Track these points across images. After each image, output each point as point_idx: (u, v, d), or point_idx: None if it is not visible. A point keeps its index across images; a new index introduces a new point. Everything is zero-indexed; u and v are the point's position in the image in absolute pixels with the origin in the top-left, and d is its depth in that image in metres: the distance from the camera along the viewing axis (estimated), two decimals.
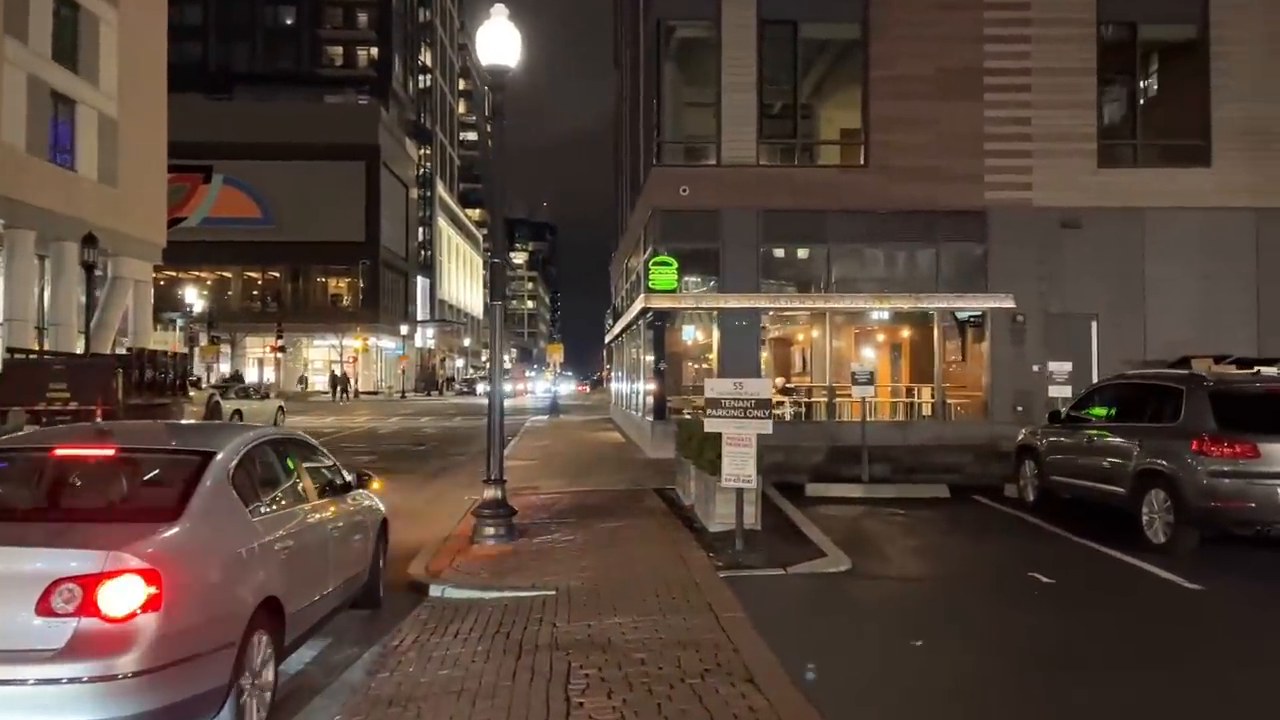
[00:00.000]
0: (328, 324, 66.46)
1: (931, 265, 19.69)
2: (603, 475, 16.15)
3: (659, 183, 19.38)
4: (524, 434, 27.31)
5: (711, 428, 8.85)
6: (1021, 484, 12.40)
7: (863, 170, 19.56)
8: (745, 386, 8.64)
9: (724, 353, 19.27)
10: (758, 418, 8.56)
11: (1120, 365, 19.47)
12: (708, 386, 8.91)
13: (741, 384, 8.67)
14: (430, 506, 13.56)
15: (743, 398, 8.62)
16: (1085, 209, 19.43)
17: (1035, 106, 19.54)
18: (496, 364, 9.75)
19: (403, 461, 20.25)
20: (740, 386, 8.67)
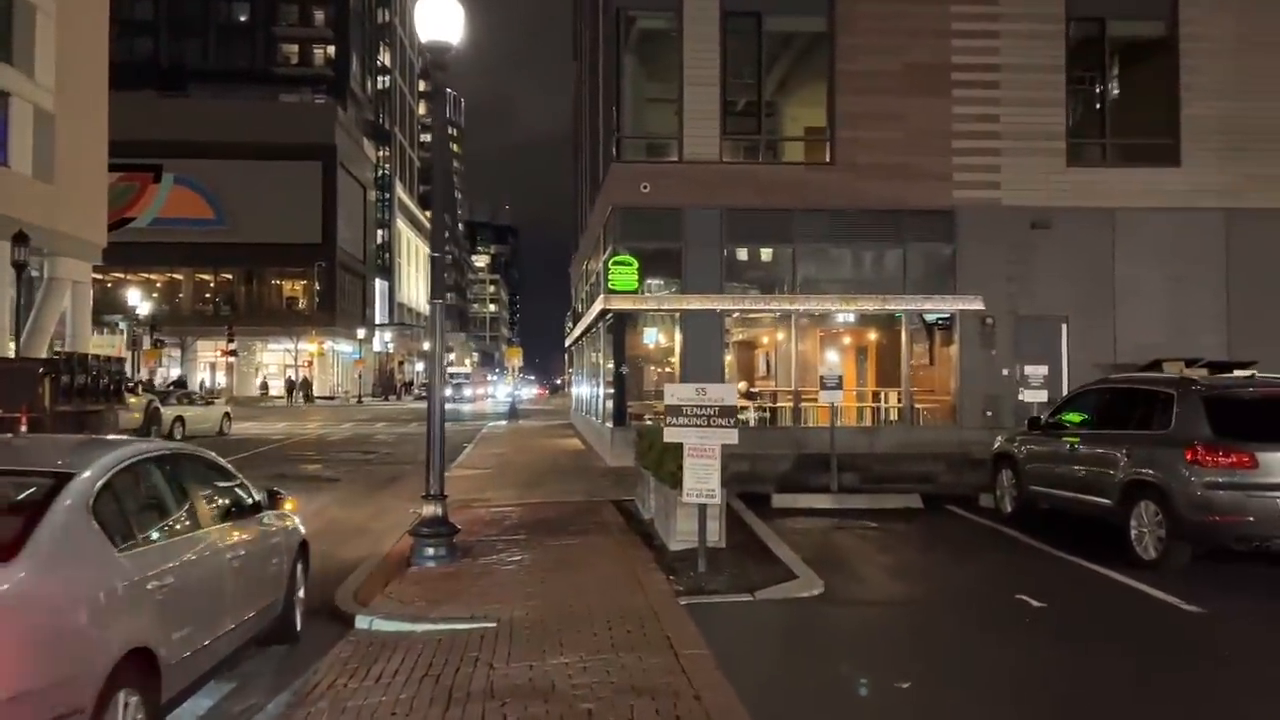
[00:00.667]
0: (282, 327, 64.79)
1: (899, 266, 19.12)
2: (559, 486, 15.34)
3: (619, 179, 18.62)
4: (480, 441, 26.40)
5: (672, 437, 8.10)
6: (998, 494, 11.78)
7: (829, 168, 18.95)
8: (709, 392, 7.89)
9: (687, 356, 18.55)
10: (722, 426, 7.82)
11: (1090, 369, 19.06)
12: (668, 392, 8.15)
13: (705, 389, 7.92)
14: (373, 521, 12.68)
15: (706, 404, 7.87)
16: (1055, 209, 18.97)
17: (1004, 104, 19.06)
18: (437, 368, 8.92)
19: (351, 470, 19.28)
20: (703, 392, 7.92)
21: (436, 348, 8.93)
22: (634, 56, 20.32)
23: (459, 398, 69.82)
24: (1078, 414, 10.58)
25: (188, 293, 68.54)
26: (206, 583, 5.00)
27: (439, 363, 8.91)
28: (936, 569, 9.24)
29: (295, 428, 33.84)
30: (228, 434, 29.30)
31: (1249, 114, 19.13)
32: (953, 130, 18.99)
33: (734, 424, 7.81)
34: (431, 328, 8.91)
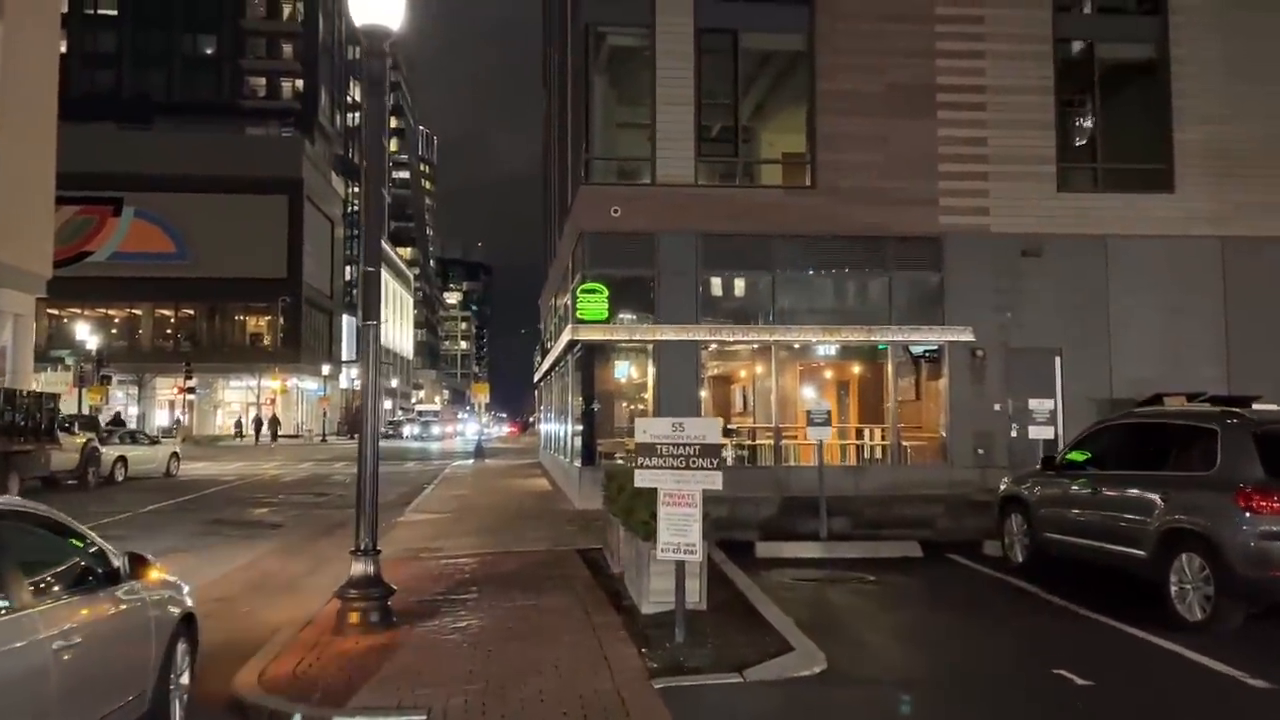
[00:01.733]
0: (245, 364, 62.92)
1: (884, 295, 18.09)
2: (520, 533, 14.01)
3: (588, 203, 17.51)
4: (442, 481, 24.96)
5: (645, 481, 6.87)
6: (1007, 541, 10.61)
7: (809, 192, 17.97)
8: (687, 428, 6.69)
9: (660, 391, 17.35)
10: (704, 468, 6.61)
11: (1086, 403, 18.08)
12: (639, 428, 6.93)
13: (682, 425, 6.72)
14: (310, 575, 11.30)
15: (684, 442, 6.67)
16: (1046, 235, 18.09)
17: (991, 126, 18.21)
18: (370, 400, 7.66)
19: (298, 515, 17.83)
20: (681, 428, 6.71)
21: (369, 376, 7.68)
22: (604, 77, 19.33)
23: (427, 435, 68.18)
24: (1098, 453, 9.46)
25: (147, 329, 66.58)
26: (13, 686, 3.69)
27: (373, 394, 7.66)
28: (953, 634, 7.99)
29: (250, 468, 32.20)
30: (176, 475, 27.66)
31: (1241, 139, 18.41)
32: (939, 153, 18.10)
33: (718, 465, 6.61)
34: (362, 354, 7.67)
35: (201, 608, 9.77)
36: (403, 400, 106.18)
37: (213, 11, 75.39)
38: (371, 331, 7.65)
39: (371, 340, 7.64)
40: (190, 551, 13.24)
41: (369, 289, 7.65)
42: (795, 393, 20.39)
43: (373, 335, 7.63)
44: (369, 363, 7.69)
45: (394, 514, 17.46)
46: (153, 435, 31.36)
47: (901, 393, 19.37)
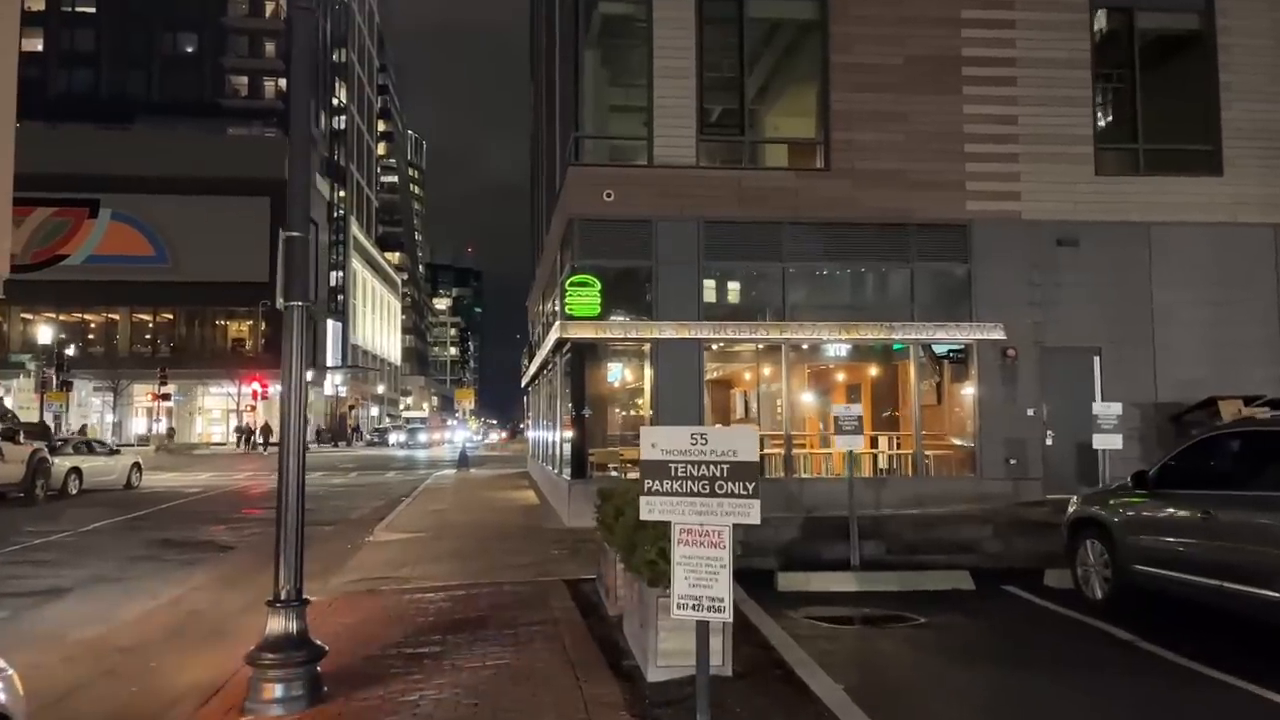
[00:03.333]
0: (225, 370, 60.92)
1: (905, 289, 16.36)
2: (502, 557, 12.21)
3: (578, 186, 15.75)
4: (421, 494, 23.12)
5: (653, 513, 5.10)
6: (1080, 573, 8.85)
7: (823, 174, 16.25)
8: (712, 441, 4.92)
9: (659, 395, 15.58)
10: (736, 495, 4.84)
11: (1129, 409, 16.34)
12: (646, 440, 5.15)
13: (705, 436, 4.94)
14: (246, 612, 9.47)
15: (708, 460, 4.90)
16: (1082, 223, 16.40)
17: (1022, 103, 16.53)
18: (295, 403, 5.88)
19: (256, 534, 15.99)
20: (703, 441, 4.94)
21: (292, 374, 5.90)
22: (596, 51, 17.56)
23: (413, 443, 66.29)
24: (1208, 468, 7.72)
25: (125, 334, 64.61)
26: None
27: (297, 395, 5.88)
28: (1050, 705, 6.17)
29: (219, 479, 30.33)
30: (137, 487, 25.77)
31: None
32: (964, 133, 16.41)
33: (754, 491, 4.85)
34: (285, 343, 5.89)
35: (101, 662, 8.04)
36: (390, 407, 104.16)
37: (194, 9, 73.60)
38: (295, 315, 5.89)
39: (296, 326, 5.88)
40: (117, 582, 11.43)
41: (291, 259, 5.88)
42: (805, 397, 18.64)
43: (297, 320, 5.87)
44: (292, 357, 5.91)
45: (362, 532, 15.66)
46: (111, 445, 29.38)
47: (922, 397, 17.70)
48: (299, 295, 5.93)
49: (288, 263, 5.93)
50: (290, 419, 5.89)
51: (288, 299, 5.91)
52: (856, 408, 10.29)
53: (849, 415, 10.22)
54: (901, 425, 17.50)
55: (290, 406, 5.91)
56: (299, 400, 5.94)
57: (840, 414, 10.28)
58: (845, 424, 10.18)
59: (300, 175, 6.06)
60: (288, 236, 5.93)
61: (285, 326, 5.95)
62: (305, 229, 5.95)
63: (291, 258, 5.92)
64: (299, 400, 5.94)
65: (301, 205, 5.97)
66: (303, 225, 5.94)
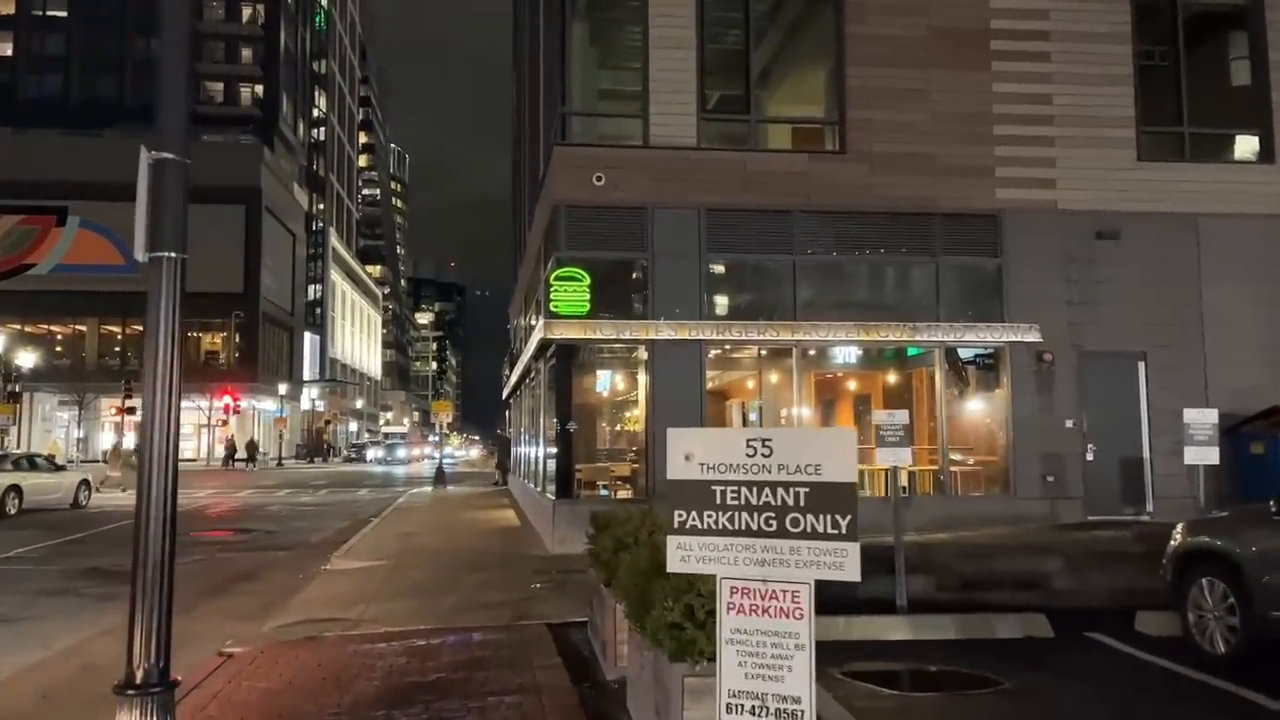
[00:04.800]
0: (198, 383, 58.64)
1: (930, 285, 14.68)
2: (474, 592, 10.36)
3: (564, 168, 14.00)
4: (391, 514, 21.18)
5: (688, 564, 3.31)
6: (1194, 618, 7.10)
7: (838, 158, 14.58)
8: (783, 449, 3.14)
9: (655, 405, 13.79)
10: (824, 536, 3.06)
11: (1176, 420, 14.70)
12: (676, 446, 3.35)
13: (769, 442, 3.17)
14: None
15: (775, 481, 3.13)
16: (1124, 214, 14.79)
17: (1057, 81, 14.94)
18: (162, 399, 4.07)
19: (202, 560, 14.09)
20: (766, 449, 3.16)
21: (161, 353, 4.10)
22: (585, 24, 15.85)
23: (392, 459, 64.22)
24: None
25: (92, 346, 62.31)
26: None
27: (166, 382, 4.08)
28: None
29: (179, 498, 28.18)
30: (85, 506, 23.74)
31: None
32: (994, 113, 14.80)
33: (850, 531, 3.08)
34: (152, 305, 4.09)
35: None
36: (370, 423, 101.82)
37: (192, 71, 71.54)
38: (166, 273, 4.09)
39: (166, 287, 4.09)
40: (10, 623, 9.53)
41: (160, 192, 4.09)
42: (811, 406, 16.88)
43: (167, 279, 4.08)
44: (159, 335, 4.11)
45: (319, 560, 13.76)
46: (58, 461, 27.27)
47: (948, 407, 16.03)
48: (171, 243, 4.13)
49: (155, 197, 4.13)
50: (156, 424, 4.07)
51: (153, 248, 4.11)
52: (901, 415, 8.53)
53: (893, 425, 8.46)
54: (921, 438, 15.79)
55: (157, 407, 4.10)
56: (169, 397, 4.13)
57: (883, 423, 8.52)
58: (889, 434, 8.43)
59: (174, 68, 4.27)
60: (156, 160, 4.13)
61: (151, 290, 4.14)
62: (181, 150, 4.16)
63: (161, 190, 4.12)
64: (169, 397, 4.13)
65: (175, 115, 4.19)
66: (177, 145, 4.15)
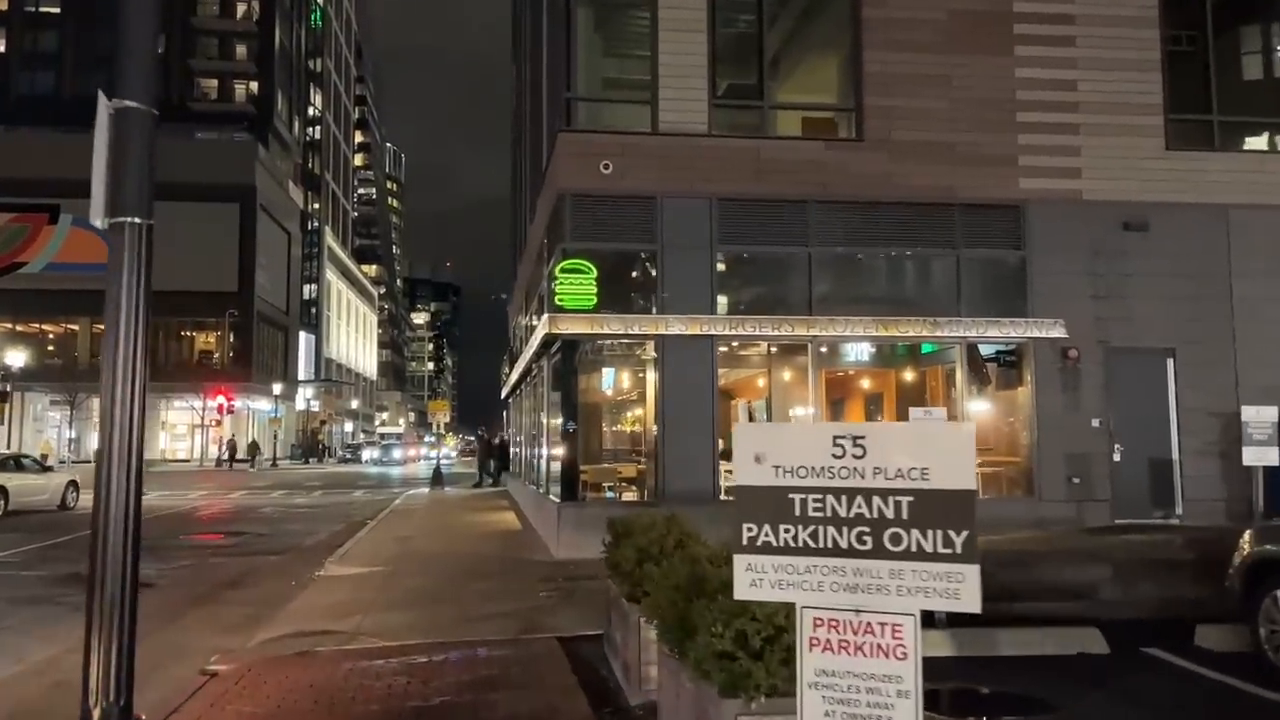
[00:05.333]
0: (191, 383, 57.98)
1: (950, 279, 14.09)
2: (477, 602, 9.74)
3: (570, 155, 13.39)
4: (389, 515, 20.55)
5: (758, 587, 2.69)
6: (1267, 633, 6.50)
7: (855, 146, 13.99)
8: (880, 448, 2.54)
9: (664, 402, 13.18)
10: (933, 557, 2.46)
11: (1206, 419, 14.18)
12: (744, 446, 2.76)
13: (864, 440, 2.57)
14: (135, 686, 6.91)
15: (870, 488, 2.52)
16: (1152, 205, 14.23)
17: (1082, 66, 14.37)
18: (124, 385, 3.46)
19: (190, 565, 13.50)
20: (858, 449, 2.56)
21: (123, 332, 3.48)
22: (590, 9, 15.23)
23: (388, 460, 63.46)
24: None
25: (84, 345, 61.56)
26: None
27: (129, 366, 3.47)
28: None
29: (170, 499, 27.60)
30: (73, 508, 23.07)
31: None
32: (1017, 99, 14.22)
33: (968, 551, 2.48)
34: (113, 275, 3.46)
35: None
36: (365, 423, 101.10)
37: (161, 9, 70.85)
38: (129, 239, 3.48)
39: (129, 255, 3.47)
40: None
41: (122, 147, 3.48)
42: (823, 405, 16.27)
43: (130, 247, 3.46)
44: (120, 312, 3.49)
45: (313, 565, 13.13)
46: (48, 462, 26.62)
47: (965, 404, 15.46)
48: (135, 206, 3.51)
49: (117, 152, 3.52)
50: (116, 420, 3.46)
51: (114, 212, 3.49)
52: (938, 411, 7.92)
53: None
54: None
55: (117, 400, 3.48)
56: (131, 388, 3.51)
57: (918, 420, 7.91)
58: None
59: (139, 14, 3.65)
60: (118, 109, 3.52)
61: (111, 261, 3.53)
62: (148, 98, 3.55)
63: (123, 144, 3.51)
64: (131, 388, 3.51)
65: (140, 57, 3.58)
66: (143, 91, 3.54)
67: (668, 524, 6.06)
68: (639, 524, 6.01)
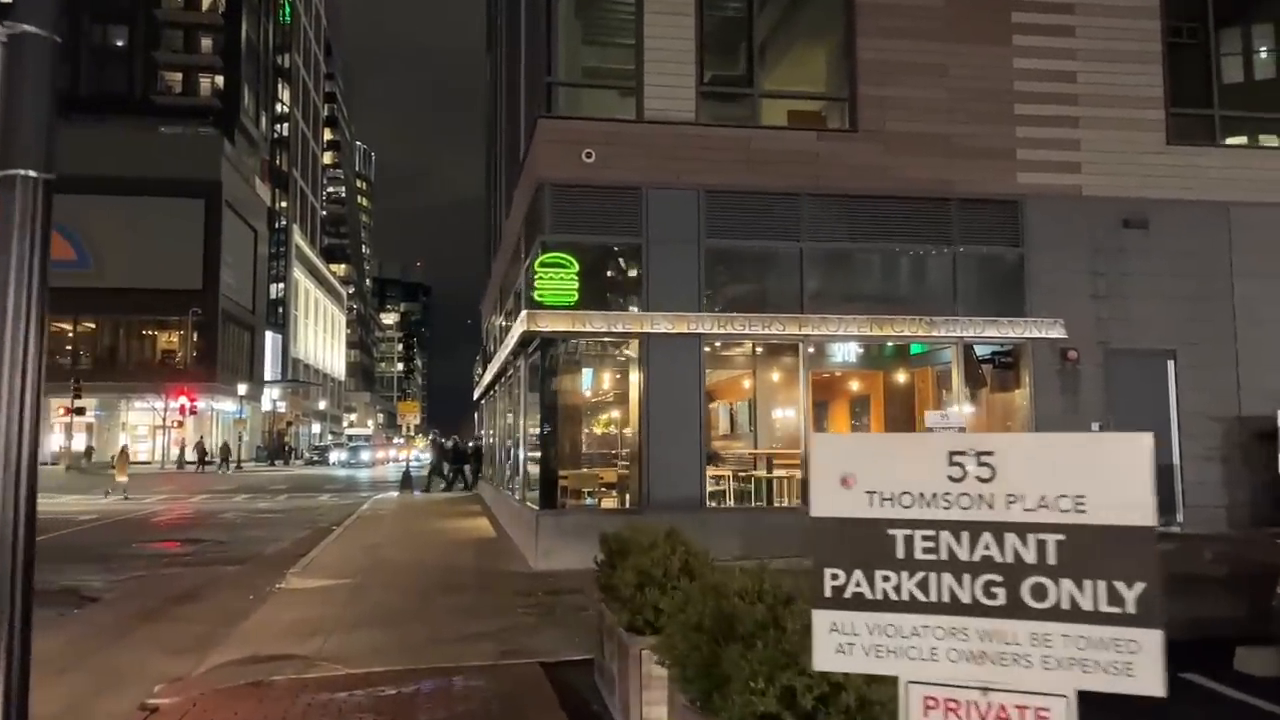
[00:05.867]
0: (153, 383, 56.47)
1: (947, 277, 13.53)
2: (450, 621, 9.00)
3: (550, 142, 12.67)
4: (355, 522, 19.69)
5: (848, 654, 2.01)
6: None
7: (848, 136, 13.40)
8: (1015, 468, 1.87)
9: (649, 403, 12.49)
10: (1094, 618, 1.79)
11: (1208, 423, 13.72)
12: (824, 463, 2.09)
13: (992, 457, 1.90)
14: None
15: (1002, 522, 1.85)
16: (1153, 201, 13.76)
17: (1082, 57, 13.88)
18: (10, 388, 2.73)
19: (140, 576, 12.61)
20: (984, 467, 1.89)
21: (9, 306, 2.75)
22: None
23: (356, 462, 62.19)
24: None
25: None
26: None
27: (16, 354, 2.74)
28: None
29: (125, 504, 26.56)
30: None
31: None
32: (1015, 90, 13.70)
33: (1150, 613, 1.83)
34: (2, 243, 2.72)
35: None
36: (333, 424, 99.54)
37: (125, 1, 69.20)
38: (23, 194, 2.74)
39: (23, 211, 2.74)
40: None
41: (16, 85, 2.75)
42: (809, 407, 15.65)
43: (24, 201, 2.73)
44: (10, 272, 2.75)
45: (274, 576, 12.31)
46: None
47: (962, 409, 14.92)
48: (31, 157, 2.78)
49: (11, 89, 2.77)
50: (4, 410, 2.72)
51: (4, 163, 2.75)
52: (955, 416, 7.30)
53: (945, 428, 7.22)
54: None
55: (3, 389, 2.74)
56: (22, 376, 2.78)
57: (935, 424, 7.29)
58: None
59: None
60: (11, 35, 2.79)
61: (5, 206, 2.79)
62: (50, 23, 2.82)
63: (18, 80, 2.77)
64: (22, 376, 2.78)
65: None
66: (43, 14, 2.81)
67: (669, 541, 5.38)
68: (636, 541, 5.33)
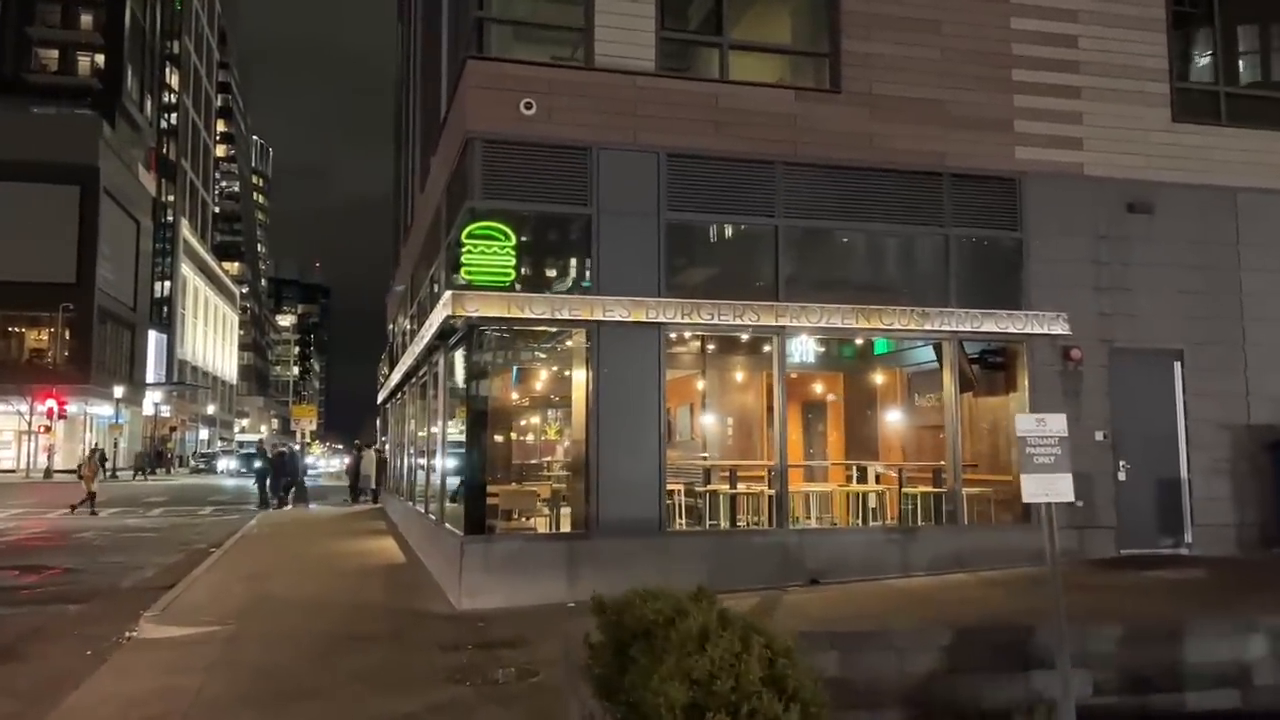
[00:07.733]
0: (19, 384, 51.36)
1: (939, 262, 11.76)
2: (356, 696, 6.68)
3: (481, 87, 10.42)
4: (238, 544, 16.90)
5: None
6: None
7: (831, 97, 11.52)
8: None
9: (600, 407, 10.31)
10: None
11: (1216, 430, 12.30)
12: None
13: None
14: None
15: None
16: (1158, 184, 12.31)
17: (1084, 20, 12.34)
18: None
19: None
20: None
21: None
22: None
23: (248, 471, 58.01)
24: None
25: None
26: None
27: None
28: None
29: None
30: None
31: None
32: (1012, 53, 12.07)
33: None
34: None
35: None
36: (224, 430, 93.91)
37: None
38: None
39: None
40: None
41: None
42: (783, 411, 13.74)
43: None
44: None
45: (124, 620, 9.73)
46: None
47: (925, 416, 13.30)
48: None
49: None
50: None
51: None
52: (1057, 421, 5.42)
53: (1045, 437, 5.32)
54: (923, 453, 12.96)
55: None
56: None
57: (1028, 432, 5.38)
58: (1039, 452, 5.29)
59: None
60: None
61: None
62: None
63: None
64: None
65: None
66: None
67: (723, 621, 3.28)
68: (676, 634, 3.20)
